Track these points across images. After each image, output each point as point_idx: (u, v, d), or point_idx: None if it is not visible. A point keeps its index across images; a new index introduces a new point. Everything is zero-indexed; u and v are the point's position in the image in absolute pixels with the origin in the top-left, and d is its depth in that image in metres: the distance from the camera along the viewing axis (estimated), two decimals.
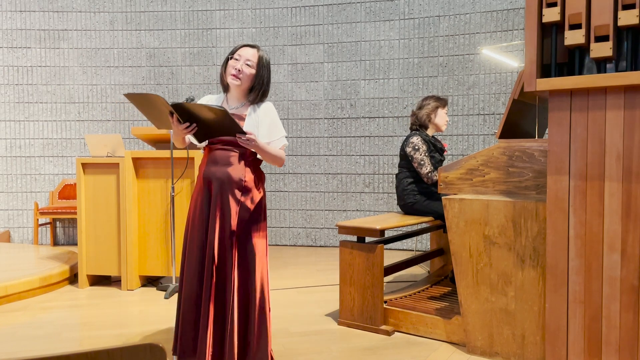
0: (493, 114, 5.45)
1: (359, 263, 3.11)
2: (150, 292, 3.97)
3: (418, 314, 3.00)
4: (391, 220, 3.34)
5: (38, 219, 5.91)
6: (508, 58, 4.92)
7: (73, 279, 4.24)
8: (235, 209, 2.28)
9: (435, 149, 3.74)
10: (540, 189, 2.59)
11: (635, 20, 2.04)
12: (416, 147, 3.60)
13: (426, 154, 3.61)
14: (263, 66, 2.35)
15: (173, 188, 3.87)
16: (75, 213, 5.62)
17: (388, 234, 3.63)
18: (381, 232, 3.07)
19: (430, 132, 3.80)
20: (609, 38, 2.10)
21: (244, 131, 2.18)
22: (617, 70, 2.14)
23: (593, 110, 2.19)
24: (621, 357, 2.16)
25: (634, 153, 2.11)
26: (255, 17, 6.04)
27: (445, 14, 5.57)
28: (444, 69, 5.59)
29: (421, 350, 2.78)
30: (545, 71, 2.29)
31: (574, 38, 2.16)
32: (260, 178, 2.40)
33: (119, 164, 4.02)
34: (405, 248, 5.67)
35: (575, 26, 2.16)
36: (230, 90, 2.39)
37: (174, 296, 3.78)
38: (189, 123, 2.21)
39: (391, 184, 5.75)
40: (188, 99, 2.50)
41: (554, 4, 2.21)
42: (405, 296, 3.39)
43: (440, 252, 4.10)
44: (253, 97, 2.36)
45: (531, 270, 2.53)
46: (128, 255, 3.98)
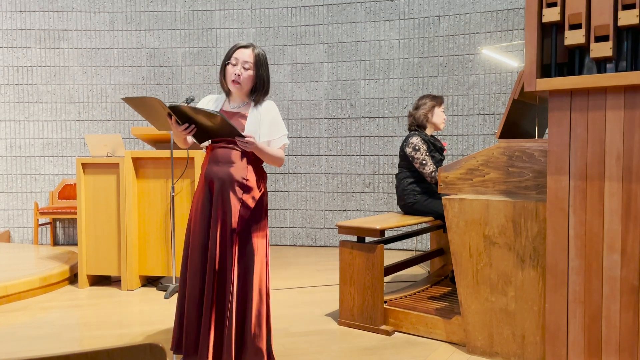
0: (493, 114, 5.45)
1: (359, 263, 3.11)
2: (150, 292, 3.97)
3: (418, 314, 3.00)
4: (391, 220, 3.34)
5: (38, 219, 5.91)
6: (508, 58, 4.92)
7: (73, 279, 4.24)
8: (236, 207, 2.28)
9: (435, 148, 3.73)
10: (540, 189, 2.59)
11: (635, 20, 2.04)
12: (416, 148, 3.60)
13: (427, 153, 3.61)
14: (261, 65, 2.36)
15: (173, 188, 3.87)
16: (75, 213, 5.62)
17: (388, 234, 3.63)
18: (381, 232, 3.07)
19: (428, 132, 3.79)
20: (609, 38, 2.10)
21: (243, 134, 2.19)
22: (617, 70, 2.14)
23: (593, 110, 2.19)
24: (621, 357, 2.16)
25: (634, 153, 2.11)
26: (255, 17, 6.04)
27: (445, 14, 5.57)
28: (444, 69, 5.59)
29: (421, 350, 2.78)
30: (545, 71, 2.29)
31: (574, 38, 2.16)
32: (262, 177, 2.40)
33: (119, 164, 4.02)
34: (405, 248, 5.67)
35: (575, 26, 2.16)
36: (232, 92, 2.40)
37: (174, 296, 3.78)
38: (187, 124, 2.21)
39: (391, 184, 5.75)
40: (188, 99, 2.50)
41: (554, 4, 2.21)
42: (405, 296, 3.39)
43: (440, 252, 4.09)
44: (255, 97, 2.38)
45: (531, 270, 2.53)
46: (128, 255, 3.98)
